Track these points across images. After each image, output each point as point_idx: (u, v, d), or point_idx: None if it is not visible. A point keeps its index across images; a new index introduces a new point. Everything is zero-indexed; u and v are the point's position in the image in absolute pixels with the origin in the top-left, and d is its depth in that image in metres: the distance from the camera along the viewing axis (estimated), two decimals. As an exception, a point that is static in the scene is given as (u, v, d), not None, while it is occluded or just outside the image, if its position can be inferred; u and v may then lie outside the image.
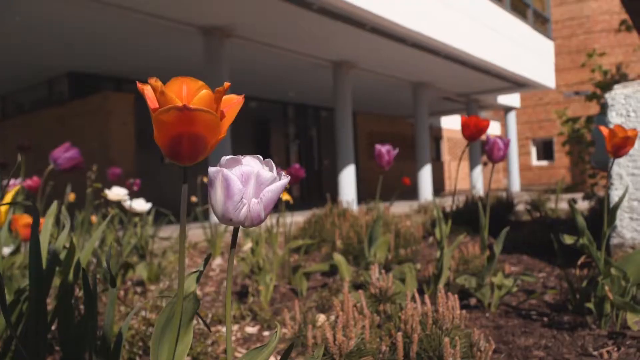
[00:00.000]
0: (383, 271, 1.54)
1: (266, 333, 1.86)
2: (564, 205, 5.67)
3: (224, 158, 0.59)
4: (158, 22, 6.30)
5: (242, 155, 0.61)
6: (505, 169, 19.54)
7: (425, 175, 11.01)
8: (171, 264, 3.06)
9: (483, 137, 1.95)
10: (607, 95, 2.38)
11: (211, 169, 0.58)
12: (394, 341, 1.06)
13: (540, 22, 12.59)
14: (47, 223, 0.96)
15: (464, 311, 1.21)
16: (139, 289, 2.51)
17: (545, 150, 20.50)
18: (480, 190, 13.16)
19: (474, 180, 13.43)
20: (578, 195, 6.95)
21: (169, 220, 6.08)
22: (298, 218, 4.24)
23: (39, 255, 0.83)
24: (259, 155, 0.60)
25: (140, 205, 2.55)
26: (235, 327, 1.92)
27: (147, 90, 0.63)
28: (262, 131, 12.95)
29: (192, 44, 7.30)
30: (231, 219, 0.58)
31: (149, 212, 3.33)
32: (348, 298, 1.09)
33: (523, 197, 7.73)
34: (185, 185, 0.65)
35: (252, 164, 0.59)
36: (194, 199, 4.22)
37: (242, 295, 2.44)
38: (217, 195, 0.58)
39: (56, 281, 1.15)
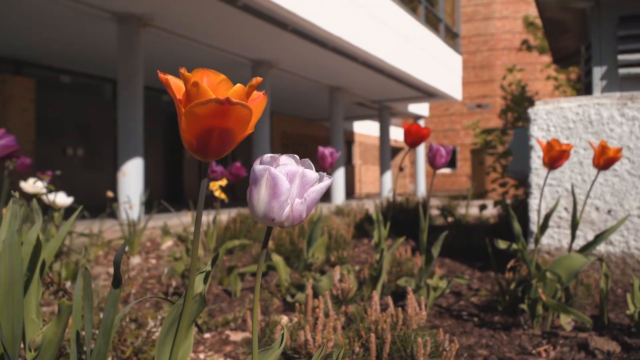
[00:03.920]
0: (345, 273, 1.55)
1: (207, 335, 1.81)
2: (473, 211, 6.02)
3: (266, 156, 0.57)
4: (67, 3, 5.88)
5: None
6: (412, 175, 20.36)
7: (339, 178, 11.22)
8: (89, 263, 2.88)
9: (424, 145, 2.02)
10: (530, 111, 2.55)
11: (258, 167, 0.55)
12: (364, 342, 1.07)
13: (451, 37, 13.27)
14: (6, 217, 0.87)
15: (424, 312, 1.25)
16: (52, 289, 2.33)
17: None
18: (391, 194, 13.60)
19: (384, 185, 13.87)
20: (483, 202, 7.40)
21: (83, 215, 5.71)
22: (220, 217, 4.15)
23: (15, 241, 0.76)
24: (295, 155, 0.58)
25: (63, 199, 2.37)
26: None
27: (173, 81, 0.60)
28: (174, 126, 12.53)
29: (105, 31, 6.90)
30: (274, 218, 0.55)
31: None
32: (321, 300, 1.08)
33: (432, 202, 8.10)
34: (205, 180, 0.62)
35: (290, 163, 0.57)
36: (109, 193, 4.00)
37: (170, 296, 2.35)
38: (261, 194, 0.55)
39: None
